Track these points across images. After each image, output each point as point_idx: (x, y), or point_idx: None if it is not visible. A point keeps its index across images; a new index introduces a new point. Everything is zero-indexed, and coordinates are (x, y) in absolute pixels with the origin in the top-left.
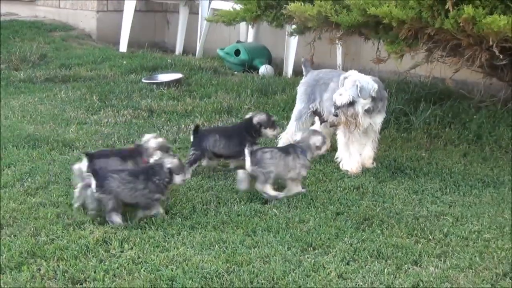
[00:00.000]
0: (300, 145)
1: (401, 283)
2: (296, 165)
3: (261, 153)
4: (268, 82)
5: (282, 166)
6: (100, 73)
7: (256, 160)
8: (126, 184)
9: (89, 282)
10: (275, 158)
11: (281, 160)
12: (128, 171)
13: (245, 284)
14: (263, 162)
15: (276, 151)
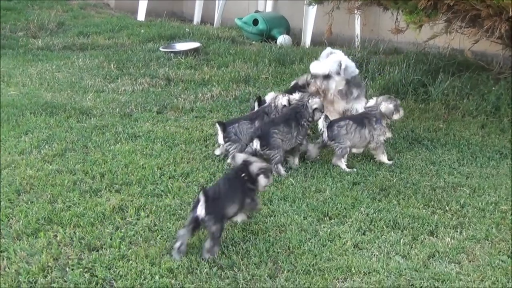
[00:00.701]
0: (374, 114)
1: (417, 253)
2: (373, 136)
3: (338, 128)
4: (286, 52)
5: (358, 139)
6: (118, 42)
7: (333, 135)
8: (285, 135)
9: (105, 249)
10: (351, 132)
11: (357, 133)
12: (283, 122)
13: (261, 253)
14: (340, 137)
15: (351, 124)
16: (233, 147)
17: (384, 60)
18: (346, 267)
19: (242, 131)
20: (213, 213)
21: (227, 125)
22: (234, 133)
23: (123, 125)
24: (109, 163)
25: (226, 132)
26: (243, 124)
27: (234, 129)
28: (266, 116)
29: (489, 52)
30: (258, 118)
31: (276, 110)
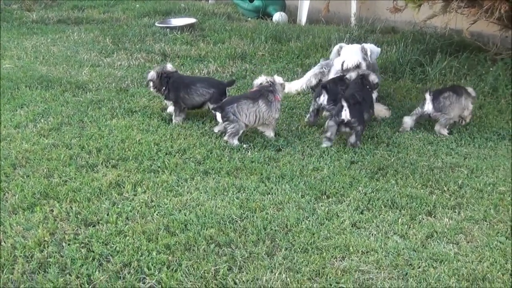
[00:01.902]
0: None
1: (415, 233)
2: (468, 105)
3: (443, 99)
4: (283, 29)
5: (458, 109)
6: (113, 16)
7: (440, 106)
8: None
9: (101, 224)
10: (454, 102)
11: (457, 103)
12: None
13: (258, 230)
14: (445, 108)
15: (452, 94)
16: (231, 126)
17: (381, 39)
18: (344, 246)
19: (242, 110)
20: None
21: (225, 104)
22: (232, 113)
23: (119, 100)
24: (105, 138)
25: (224, 112)
26: (243, 104)
27: (233, 109)
28: (271, 94)
29: (485, 33)
30: (261, 98)
31: (277, 88)
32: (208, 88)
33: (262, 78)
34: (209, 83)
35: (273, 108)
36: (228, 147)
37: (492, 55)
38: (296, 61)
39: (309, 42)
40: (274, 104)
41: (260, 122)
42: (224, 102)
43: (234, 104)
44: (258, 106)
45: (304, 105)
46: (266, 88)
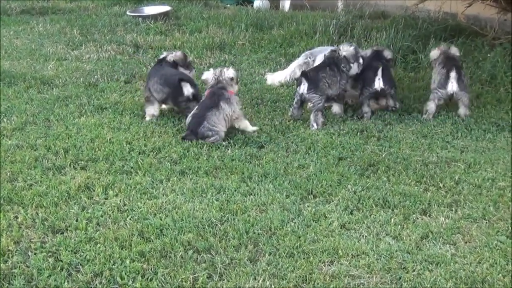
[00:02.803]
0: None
1: (408, 234)
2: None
3: (464, 77)
4: (264, 16)
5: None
6: (80, 5)
7: (464, 85)
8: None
9: (70, 231)
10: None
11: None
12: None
13: (240, 234)
14: (467, 86)
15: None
16: (213, 139)
17: (370, 25)
18: (333, 249)
19: (214, 122)
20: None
21: (196, 127)
22: (208, 129)
23: (88, 96)
24: (73, 138)
25: (200, 134)
26: (212, 116)
27: (205, 127)
28: (225, 91)
29: (482, 16)
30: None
31: (226, 82)
32: (163, 86)
33: (210, 73)
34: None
35: (234, 102)
36: (206, 145)
37: (489, 40)
38: (279, 50)
39: (292, 29)
40: (233, 98)
41: (231, 122)
42: (193, 124)
43: (204, 122)
44: (223, 110)
45: (288, 98)
46: (218, 86)
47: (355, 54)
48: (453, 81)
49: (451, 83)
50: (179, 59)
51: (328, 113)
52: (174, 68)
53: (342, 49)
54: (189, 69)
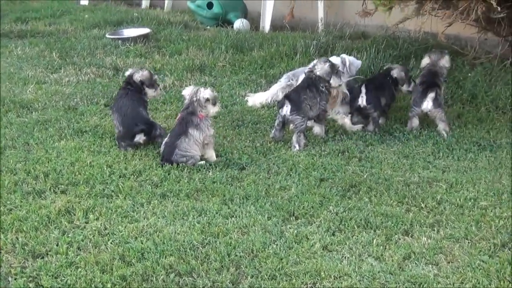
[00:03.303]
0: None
1: (391, 255)
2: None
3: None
4: (244, 37)
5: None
6: (60, 28)
7: (438, 102)
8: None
9: (51, 256)
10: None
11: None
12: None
13: (222, 257)
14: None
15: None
16: (190, 162)
17: (351, 45)
18: (315, 271)
19: (185, 149)
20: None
21: (169, 156)
22: (181, 156)
23: (68, 120)
24: (53, 162)
25: (174, 161)
26: (182, 143)
27: (177, 155)
28: (194, 116)
29: (463, 36)
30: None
31: (199, 104)
32: (120, 124)
33: (188, 90)
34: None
35: (204, 127)
36: (187, 167)
37: (470, 59)
38: (259, 71)
39: (273, 50)
40: (203, 123)
41: (202, 146)
42: (166, 153)
43: (176, 150)
44: (192, 136)
45: (269, 119)
46: (188, 111)
47: (331, 71)
48: (429, 100)
49: (427, 102)
50: (145, 79)
51: (309, 134)
52: (138, 92)
53: (316, 68)
54: (154, 87)
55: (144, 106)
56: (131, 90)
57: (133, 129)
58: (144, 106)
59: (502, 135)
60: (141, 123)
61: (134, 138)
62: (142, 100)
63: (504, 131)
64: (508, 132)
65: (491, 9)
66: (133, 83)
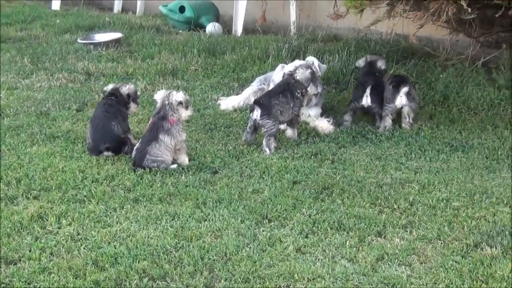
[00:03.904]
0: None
1: (364, 256)
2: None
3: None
4: (216, 41)
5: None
6: (31, 33)
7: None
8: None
9: (23, 262)
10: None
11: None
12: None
13: (195, 261)
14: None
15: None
16: (162, 167)
17: (323, 48)
18: (289, 274)
19: (156, 154)
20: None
21: (140, 161)
22: (152, 161)
23: (40, 125)
24: (25, 167)
25: (147, 165)
26: (153, 149)
27: (148, 160)
28: (164, 121)
29: (434, 37)
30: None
31: (171, 107)
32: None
33: (160, 94)
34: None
35: (175, 132)
36: (160, 172)
37: (442, 61)
38: (232, 75)
39: (245, 54)
40: (174, 128)
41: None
42: (137, 159)
43: (146, 155)
44: (163, 141)
45: (241, 122)
46: (159, 116)
47: (310, 78)
48: (402, 95)
49: (400, 97)
50: (132, 93)
51: (282, 137)
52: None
53: (297, 72)
54: (136, 103)
55: (122, 119)
56: (110, 102)
57: (99, 146)
58: (123, 119)
59: (474, 135)
60: (109, 141)
61: (101, 153)
62: (121, 113)
63: (475, 132)
64: (480, 132)
65: (461, 10)
66: (119, 96)
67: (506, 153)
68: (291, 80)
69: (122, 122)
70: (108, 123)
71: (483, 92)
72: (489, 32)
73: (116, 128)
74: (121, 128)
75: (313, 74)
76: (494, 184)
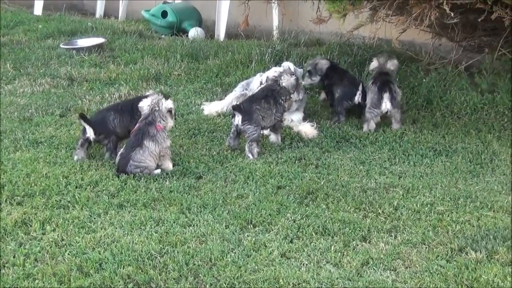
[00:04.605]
0: None
1: (349, 261)
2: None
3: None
4: (199, 46)
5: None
6: (13, 39)
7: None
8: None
9: (7, 268)
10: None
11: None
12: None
13: (180, 266)
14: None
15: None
16: (146, 172)
17: (306, 53)
18: (274, 279)
19: (140, 160)
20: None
21: (124, 165)
22: (135, 166)
23: (23, 131)
24: (8, 173)
25: (129, 170)
26: (137, 154)
27: (132, 165)
28: (151, 126)
29: (417, 42)
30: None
31: (159, 114)
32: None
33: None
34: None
35: (160, 139)
36: (144, 177)
37: (424, 65)
38: (215, 80)
39: (228, 59)
40: (159, 135)
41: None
42: (121, 165)
43: (130, 161)
44: (147, 147)
45: (225, 127)
46: (146, 122)
47: (296, 84)
48: (387, 101)
49: (385, 103)
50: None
51: (265, 142)
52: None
53: (283, 79)
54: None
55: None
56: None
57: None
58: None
59: (457, 140)
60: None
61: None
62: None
63: (459, 136)
64: (463, 137)
65: (444, 15)
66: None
67: (489, 157)
68: (275, 86)
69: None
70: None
71: (466, 97)
72: (472, 36)
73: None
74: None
75: (297, 81)
76: (478, 188)
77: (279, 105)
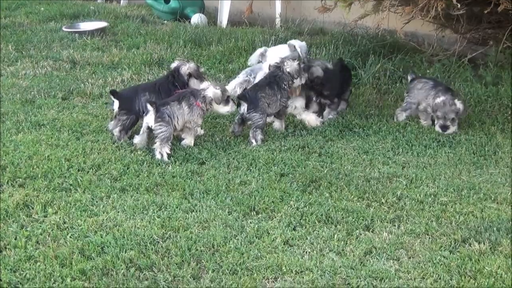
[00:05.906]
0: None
1: (352, 250)
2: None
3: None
4: (202, 32)
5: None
6: (15, 21)
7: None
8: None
9: (9, 250)
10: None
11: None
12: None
13: (182, 251)
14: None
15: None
16: (164, 130)
17: (309, 41)
18: (276, 266)
19: (174, 112)
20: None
21: (160, 105)
22: (168, 114)
23: (25, 113)
24: (10, 155)
25: (160, 112)
26: (174, 106)
27: (168, 110)
28: (192, 97)
29: (420, 33)
30: (184, 100)
31: (204, 99)
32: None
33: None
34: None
35: (195, 112)
36: (146, 161)
37: (428, 56)
38: (218, 66)
39: (231, 45)
40: (195, 109)
41: (182, 126)
42: (158, 103)
43: (167, 105)
44: (182, 107)
45: (228, 114)
46: (189, 91)
47: (299, 69)
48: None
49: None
50: (193, 71)
51: (269, 129)
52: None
53: (286, 64)
54: (201, 80)
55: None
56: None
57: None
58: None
59: (461, 131)
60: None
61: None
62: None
63: (462, 128)
64: (467, 128)
65: (450, 6)
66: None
67: (493, 149)
68: (278, 72)
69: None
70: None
71: (470, 88)
72: (476, 29)
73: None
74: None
75: (300, 66)
76: (481, 180)
77: (283, 90)
